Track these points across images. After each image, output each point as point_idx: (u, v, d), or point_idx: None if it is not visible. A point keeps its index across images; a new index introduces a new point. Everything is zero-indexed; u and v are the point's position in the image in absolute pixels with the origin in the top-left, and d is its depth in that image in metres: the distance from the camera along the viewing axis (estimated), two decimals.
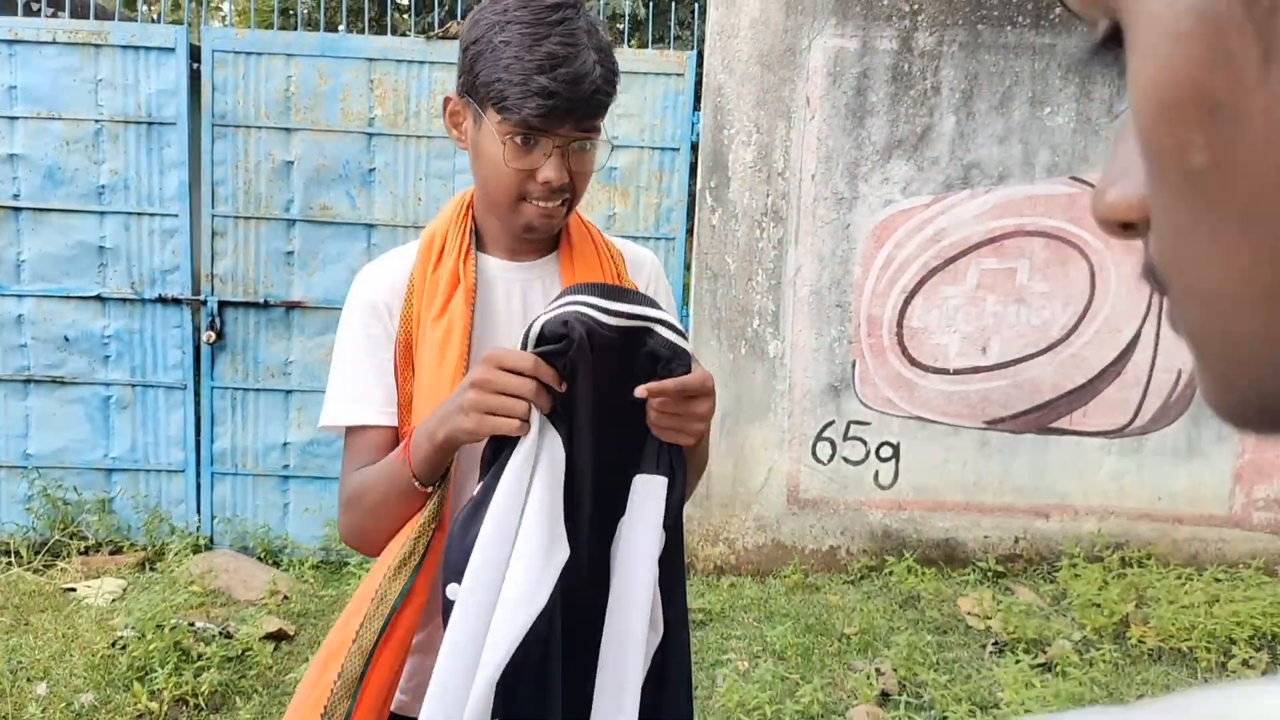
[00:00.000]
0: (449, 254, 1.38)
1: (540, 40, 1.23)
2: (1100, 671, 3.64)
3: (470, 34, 1.30)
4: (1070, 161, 4.42)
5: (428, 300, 1.36)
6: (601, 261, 1.43)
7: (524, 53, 1.23)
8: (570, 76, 1.23)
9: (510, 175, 1.29)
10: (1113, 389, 4.56)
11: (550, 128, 1.26)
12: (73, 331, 4.53)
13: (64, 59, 4.40)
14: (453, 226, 1.41)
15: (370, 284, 1.41)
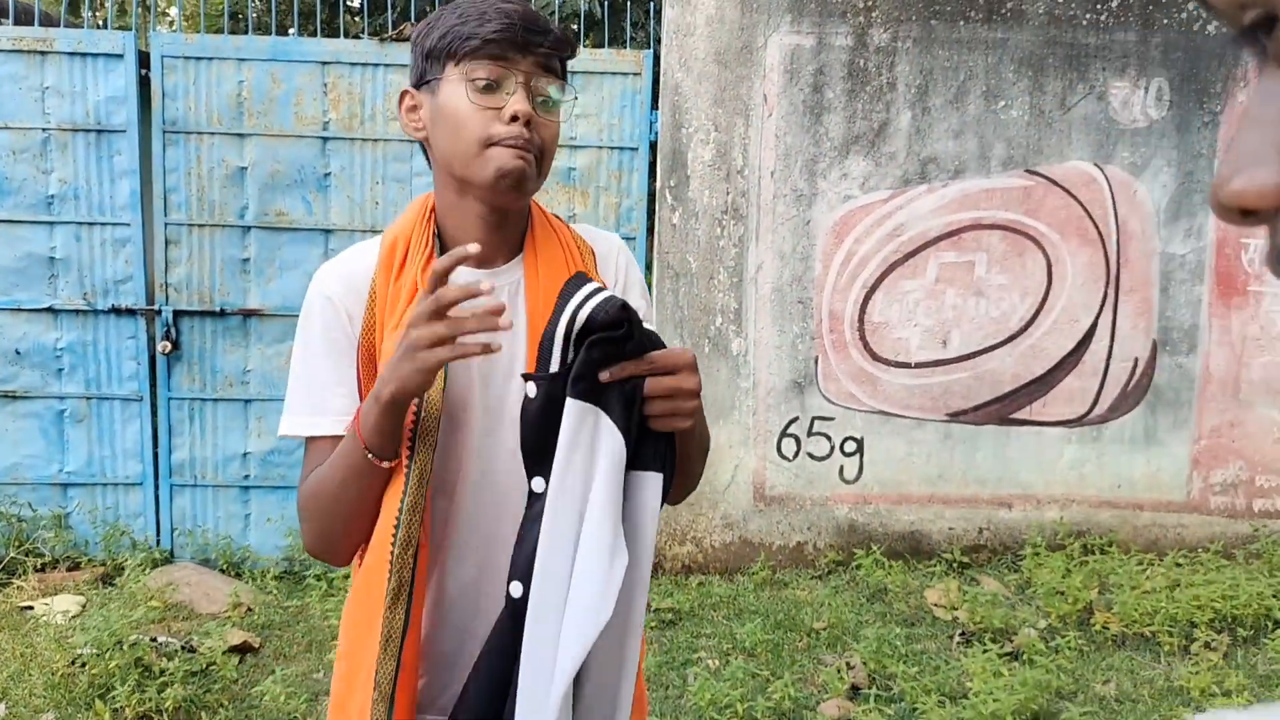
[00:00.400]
0: (412, 262, 1.33)
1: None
2: (1066, 659, 3.67)
3: (420, 29, 1.34)
4: (1025, 154, 4.47)
5: (390, 309, 1.32)
6: (569, 260, 1.38)
7: (472, 6, 1.28)
8: (526, 12, 1.27)
9: (475, 117, 1.26)
10: (1071, 379, 4.61)
11: (511, 56, 1.27)
12: (24, 344, 4.44)
13: (8, 67, 4.31)
14: (416, 230, 1.36)
15: (329, 285, 1.36)
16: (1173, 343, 4.62)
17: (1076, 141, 4.48)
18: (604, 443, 1.17)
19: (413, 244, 1.35)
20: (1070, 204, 4.51)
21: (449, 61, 1.28)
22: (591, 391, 1.17)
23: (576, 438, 1.17)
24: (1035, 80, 4.45)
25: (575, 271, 1.36)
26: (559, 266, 1.36)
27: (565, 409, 1.18)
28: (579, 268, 1.38)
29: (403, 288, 1.32)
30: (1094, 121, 4.48)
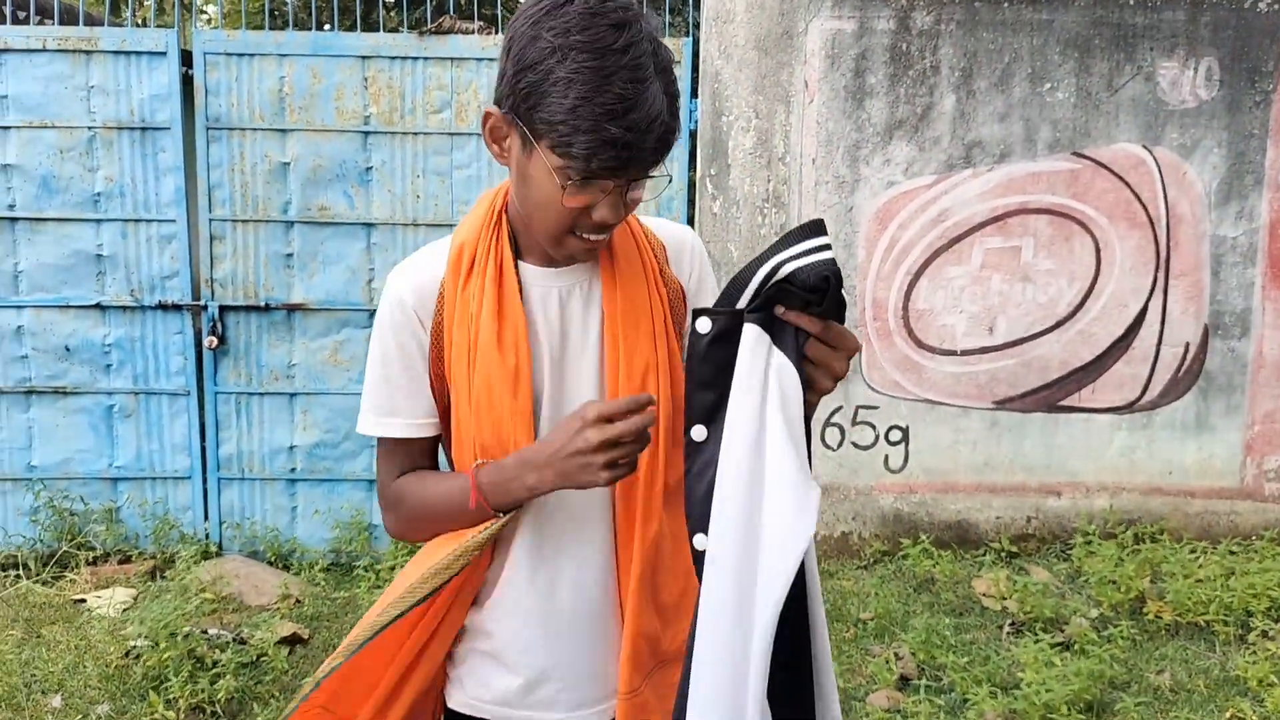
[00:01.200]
0: (481, 267, 1.32)
1: (608, 78, 1.12)
2: (1119, 648, 3.62)
3: (524, 53, 1.17)
4: (1072, 137, 4.39)
5: (460, 314, 1.32)
6: (644, 259, 1.37)
7: (591, 93, 1.12)
8: (641, 123, 1.13)
9: (563, 213, 1.22)
10: (1121, 365, 4.54)
11: (614, 176, 1.19)
12: (73, 341, 4.50)
13: (54, 66, 4.36)
14: (484, 236, 1.34)
15: (401, 290, 1.36)
16: (1224, 327, 4.53)
17: (1124, 123, 4.40)
18: (779, 374, 1.17)
19: (479, 251, 1.33)
20: (1119, 187, 4.43)
21: (546, 144, 1.18)
22: (767, 323, 1.17)
23: (751, 368, 1.17)
24: (1082, 61, 4.37)
25: (649, 272, 1.36)
26: (635, 270, 1.35)
27: (742, 338, 1.17)
28: (651, 264, 1.37)
29: (471, 295, 1.31)
30: (1142, 102, 4.40)
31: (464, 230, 1.37)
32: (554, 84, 1.14)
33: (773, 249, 1.15)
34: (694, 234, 1.49)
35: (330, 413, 4.59)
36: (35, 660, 3.64)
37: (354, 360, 4.57)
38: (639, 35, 1.15)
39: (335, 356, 4.57)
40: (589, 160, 1.15)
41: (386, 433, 1.39)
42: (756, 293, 1.16)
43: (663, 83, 1.16)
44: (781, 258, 1.14)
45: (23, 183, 4.40)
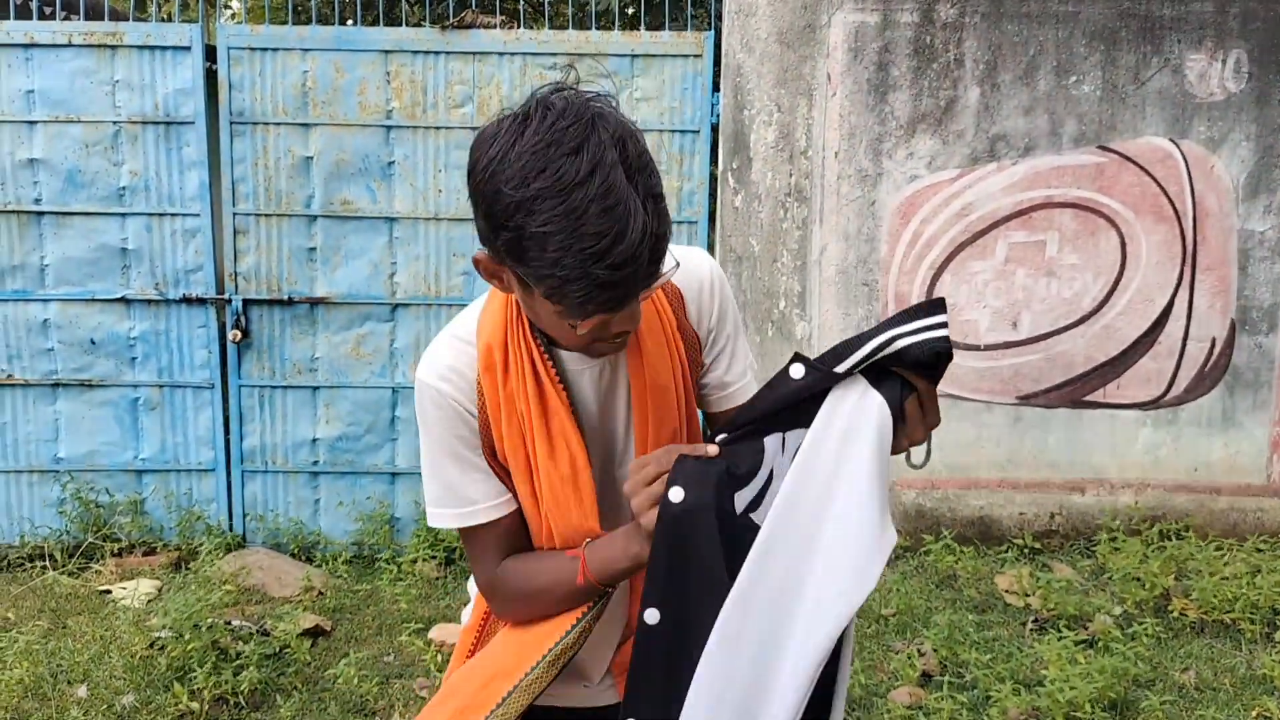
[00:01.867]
0: (517, 368, 1.31)
1: (580, 219, 1.04)
2: (1144, 646, 3.59)
3: (492, 210, 1.10)
4: (1098, 130, 4.35)
5: (507, 416, 1.31)
6: (662, 321, 1.36)
7: (569, 240, 1.05)
8: (626, 257, 1.06)
9: (569, 334, 1.21)
10: (1146, 360, 4.50)
11: (615, 311, 1.15)
12: (99, 334, 4.54)
13: (80, 61, 4.39)
14: (511, 335, 1.32)
15: (439, 386, 1.33)
16: (1252, 322, 4.49)
17: (1151, 116, 4.36)
18: (871, 415, 1.18)
19: (511, 349, 1.32)
20: (1145, 181, 4.39)
21: (542, 291, 1.13)
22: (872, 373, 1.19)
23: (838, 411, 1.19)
24: (1108, 54, 4.33)
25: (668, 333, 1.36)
26: (657, 338, 1.35)
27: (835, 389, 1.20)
28: (668, 323, 1.37)
29: (515, 394, 1.31)
30: (1169, 95, 4.35)
31: (486, 330, 1.33)
32: (530, 239, 1.07)
33: (889, 323, 1.17)
34: (711, 267, 1.43)
35: (353, 406, 4.61)
36: (61, 650, 3.68)
37: (376, 354, 4.59)
38: (599, 152, 1.06)
39: (358, 350, 4.58)
40: (585, 306, 1.11)
41: (471, 522, 1.37)
42: (861, 361, 1.17)
43: (641, 190, 1.08)
44: (897, 332, 1.16)
45: (49, 177, 4.43)
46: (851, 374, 1.18)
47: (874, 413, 1.17)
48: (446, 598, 4.20)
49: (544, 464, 1.31)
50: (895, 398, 1.18)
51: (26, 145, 4.41)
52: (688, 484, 1.18)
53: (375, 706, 3.37)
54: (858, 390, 1.18)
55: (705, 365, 1.45)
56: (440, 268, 4.57)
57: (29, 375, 4.54)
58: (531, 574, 1.36)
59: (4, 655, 3.55)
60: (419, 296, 4.58)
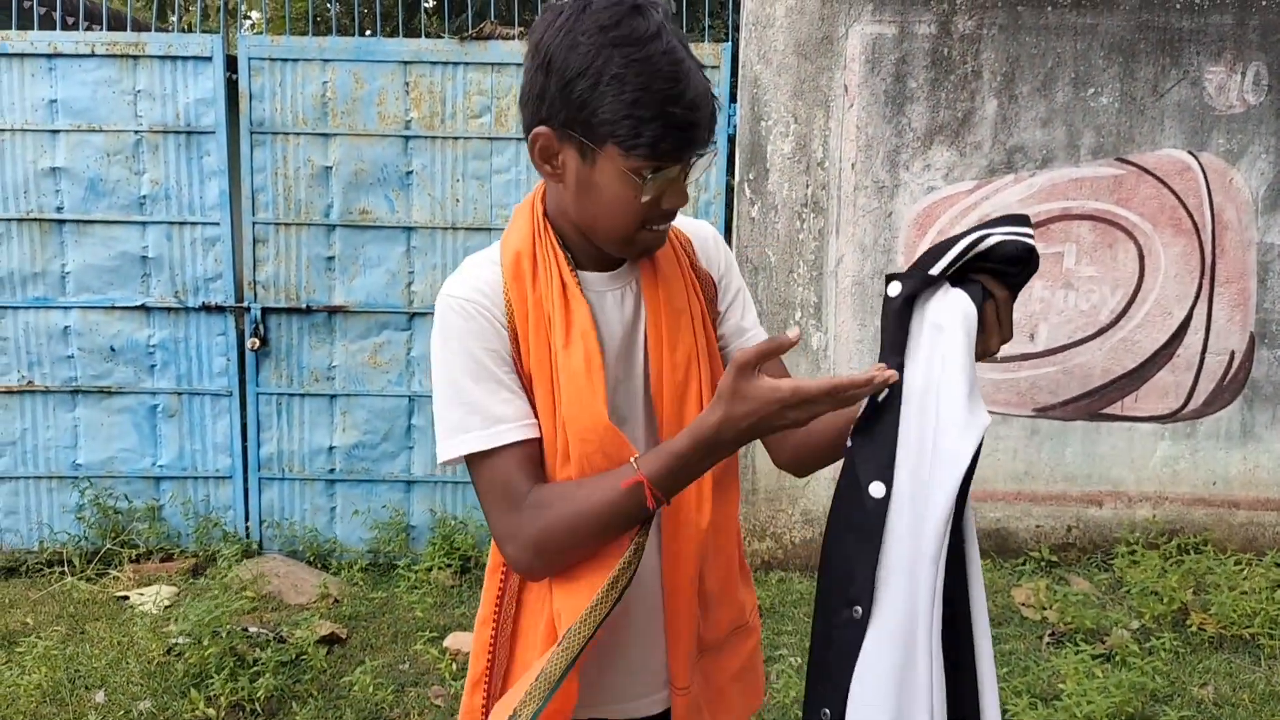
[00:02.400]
0: (545, 274, 1.32)
1: (656, 66, 1.16)
2: (1162, 661, 3.57)
3: (567, 63, 1.19)
4: (1116, 143, 4.34)
5: (535, 320, 1.30)
6: (677, 256, 1.40)
7: (647, 81, 1.15)
8: (697, 100, 1.18)
9: (635, 209, 1.23)
10: (1164, 373, 4.48)
11: (683, 156, 1.22)
12: (118, 341, 4.57)
13: (103, 71, 4.43)
14: (539, 246, 1.34)
15: (469, 295, 1.32)
16: (1271, 335, 4.46)
17: (1169, 128, 4.35)
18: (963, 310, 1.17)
19: (539, 258, 1.33)
20: (1163, 193, 4.38)
21: (613, 145, 1.19)
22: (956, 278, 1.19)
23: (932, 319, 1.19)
24: (1126, 66, 4.32)
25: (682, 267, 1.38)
26: (672, 267, 1.38)
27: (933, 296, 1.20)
28: (683, 259, 1.40)
29: (543, 297, 1.31)
30: (1188, 108, 4.34)
31: (513, 239, 1.35)
32: (608, 84, 1.16)
33: (979, 226, 1.19)
34: (711, 226, 1.51)
35: (369, 414, 4.63)
36: (79, 656, 3.70)
37: (393, 362, 4.61)
38: (660, 18, 1.19)
39: (375, 358, 4.60)
40: (658, 146, 1.17)
41: (500, 441, 1.27)
42: (954, 261, 1.18)
43: (692, 58, 1.21)
44: (987, 230, 1.17)
45: (70, 185, 4.47)
46: (944, 277, 1.19)
47: (960, 307, 1.17)
48: (462, 606, 4.20)
49: (562, 358, 1.29)
50: (978, 298, 1.18)
51: (49, 154, 4.45)
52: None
53: (390, 715, 3.37)
54: (944, 291, 1.19)
55: (721, 313, 1.47)
56: None
57: (49, 382, 4.58)
58: (569, 494, 1.25)
59: (23, 660, 3.58)
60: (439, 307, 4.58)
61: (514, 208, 1.44)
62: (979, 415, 1.16)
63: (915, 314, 1.21)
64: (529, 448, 1.29)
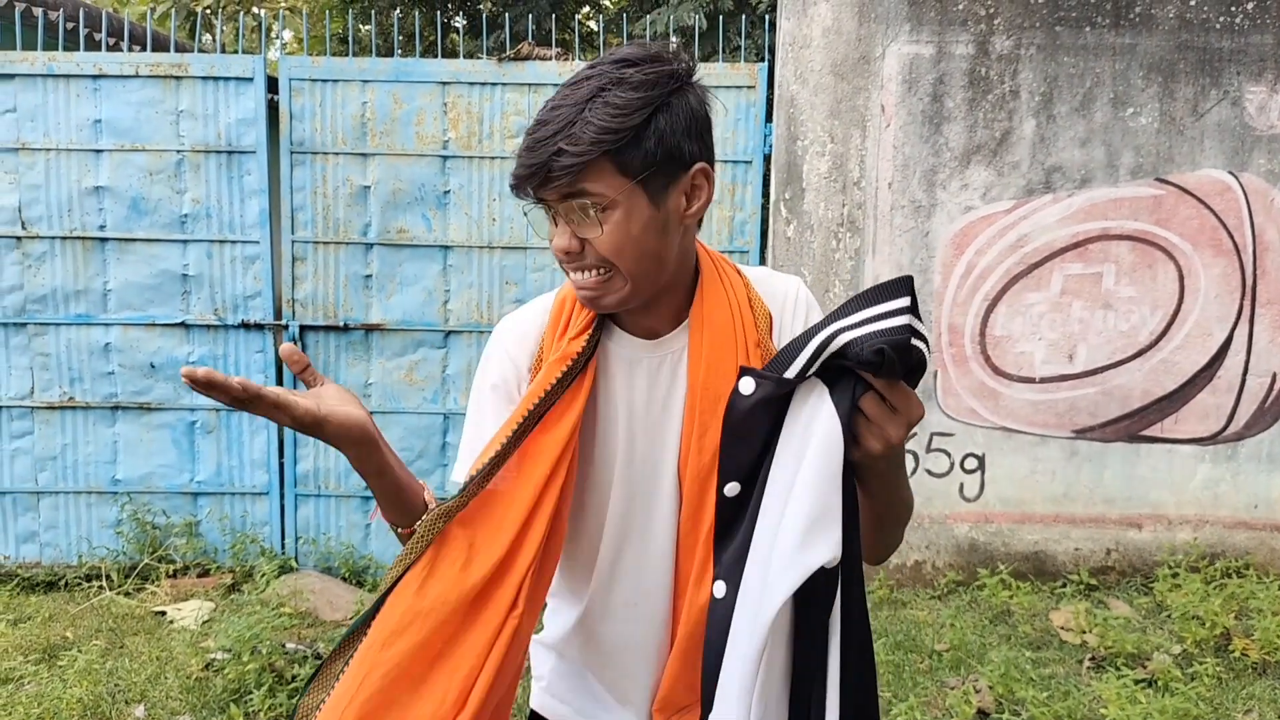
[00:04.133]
0: (575, 325, 1.34)
1: (550, 100, 1.21)
2: (1205, 686, 3.52)
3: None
4: (1155, 163, 4.32)
5: (549, 368, 1.32)
6: (739, 332, 1.32)
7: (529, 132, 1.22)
8: (540, 138, 1.18)
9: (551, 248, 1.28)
10: (1205, 395, 4.43)
11: (533, 193, 1.22)
12: (158, 358, 4.62)
13: (146, 91, 4.49)
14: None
15: (506, 340, 1.41)
16: None
17: (1209, 149, 4.32)
18: (825, 423, 1.12)
19: (576, 307, 1.36)
20: (1203, 213, 4.34)
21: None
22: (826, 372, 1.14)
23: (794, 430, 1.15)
24: (1165, 86, 4.30)
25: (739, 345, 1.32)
26: (724, 339, 1.31)
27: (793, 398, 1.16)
28: (748, 336, 1.33)
29: (562, 346, 1.33)
30: (1228, 128, 4.31)
31: (567, 287, 1.38)
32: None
33: (834, 314, 1.11)
34: (799, 285, 1.43)
35: (405, 431, 4.65)
36: (119, 670, 3.72)
37: (428, 380, 4.63)
38: (604, 70, 1.19)
39: (411, 376, 4.63)
40: (514, 173, 1.22)
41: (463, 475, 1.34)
42: (809, 362, 1.12)
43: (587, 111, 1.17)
44: (838, 326, 1.10)
45: (113, 204, 4.53)
46: (805, 378, 1.13)
47: (821, 421, 1.12)
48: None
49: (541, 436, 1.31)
50: (846, 397, 1.11)
51: (93, 173, 4.51)
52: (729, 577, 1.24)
53: None
54: (815, 391, 1.14)
55: None
56: (493, 295, 4.61)
57: (90, 398, 4.63)
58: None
59: (65, 674, 3.61)
60: (472, 324, 4.62)
61: None
62: (812, 553, 1.09)
63: (792, 409, 1.16)
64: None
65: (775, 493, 1.16)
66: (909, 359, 1.09)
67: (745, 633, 1.16)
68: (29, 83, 4.46)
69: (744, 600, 1.18)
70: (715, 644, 1.21)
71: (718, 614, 1.23)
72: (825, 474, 1.10)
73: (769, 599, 1.12)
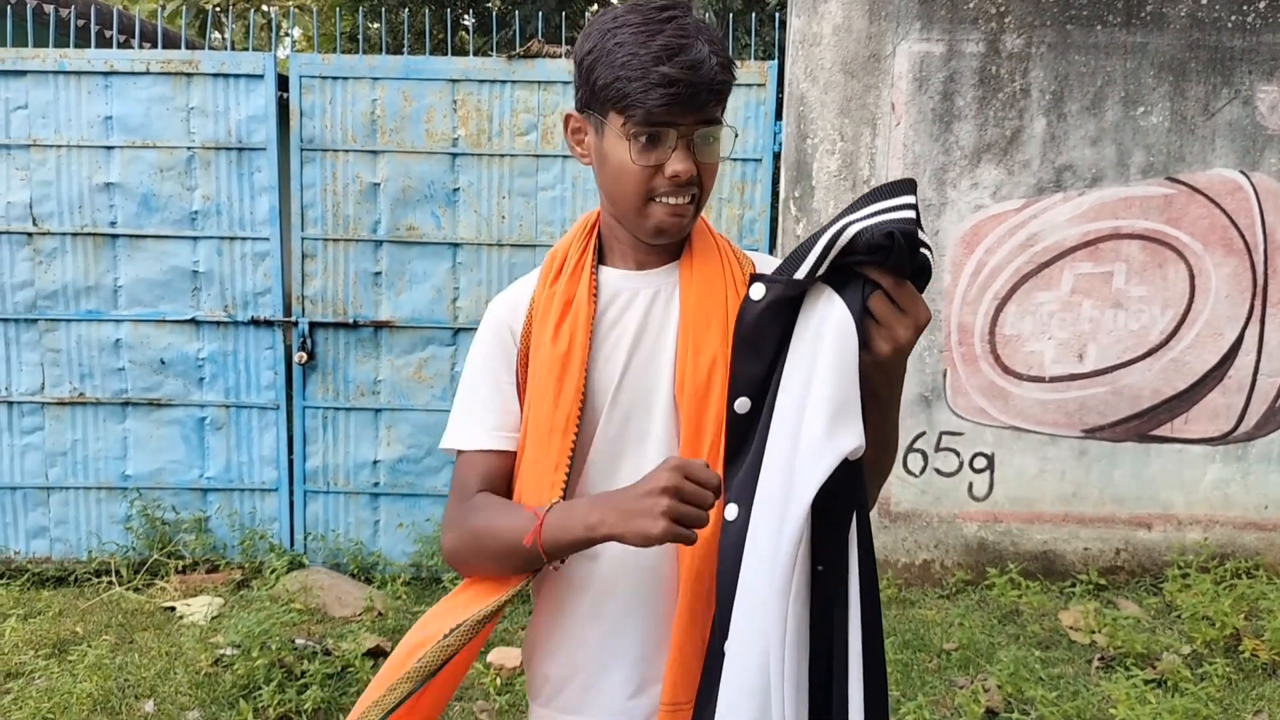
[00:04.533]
0: (567, 269, 1.37)
1: (654, 35, 1.21)
2: (1215, 687, 3.52)
3: (583, 46, 1.29)
4: (1166, 162, 4.31)
5: (542, 313, 1.35)
6: (725, 265, 1.36)
7: (639, 49, 1.20)
8: (689, 63, 1.20)
9: (637, 174, 1.26)
10: (1215, 394, 4.42)
11: (674, 118, 1.22)
12: (168, 354, 4.63)
13: (157, 88, 4.50)
14: (575, 242, 1.39)
15: (498, 309, 1.43)
16: None
17: (1221, 148, 4.31)
18: (837, 325, 1.11)
19: (570, 253, 1.38)
20: (1214, 213, 4.33)
21: (611, 109, 1.25)
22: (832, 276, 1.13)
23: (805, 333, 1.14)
24: (1177, 85, 4.29)
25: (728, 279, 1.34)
26: (714, 272, 1.35)
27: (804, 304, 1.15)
28: (734, 272, 1.36)
29: (556, 294, 1.35)
30: (1240, 127, 4.30)
31: (559, 244, 1.43)
32: (608, 53, 1.23)
33: (844, 211, 1.11)
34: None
35: (413, 429, 4.66)
36: (128, 665, 3.74)
37: (437, 377, 4.64)
38: (684, 13, 1.23)
39: (420, 373, 4.63)
40: (644, 103, 1.20)
41: (461, 443, 1.38)
42: (819, 260, 1.11)
43: (710, 44, 1.22)
44: (846, 221, 1.10)
45: (124, 200, 4.54)
46: (813, 279, 1.13)
47: (834, 316, 1.11)
48: (505, 621, 4.21)
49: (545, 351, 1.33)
50: (856, 299, 1.11)
51: (104, 170, 4.52)
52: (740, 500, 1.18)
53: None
54: (824, 296, 1.13)
55: None
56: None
57: (100, 394, 4.64)
58: (495, 513, 1.30)
59: (75, 669, 3.62)
60: (480, 321, 4.61)
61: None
62: (840, 439, 1.08)
63: (801, 319, 1.16)
64: (492, 457, 1.37)
65: (787, 405, 1.14)
66: (916, 256, 1.10)
67: (767, 555, 1.12)
68: (40, 79, 4.47)
69: (759, 522, 1.14)
70: (729, 571, 1.17)
71: (730, 538, 1.20)
72: (844, 362, 1.10)
73: (797, 498, 1.09)
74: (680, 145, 1.24)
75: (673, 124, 1.23)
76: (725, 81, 1.24)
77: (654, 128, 1.23)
